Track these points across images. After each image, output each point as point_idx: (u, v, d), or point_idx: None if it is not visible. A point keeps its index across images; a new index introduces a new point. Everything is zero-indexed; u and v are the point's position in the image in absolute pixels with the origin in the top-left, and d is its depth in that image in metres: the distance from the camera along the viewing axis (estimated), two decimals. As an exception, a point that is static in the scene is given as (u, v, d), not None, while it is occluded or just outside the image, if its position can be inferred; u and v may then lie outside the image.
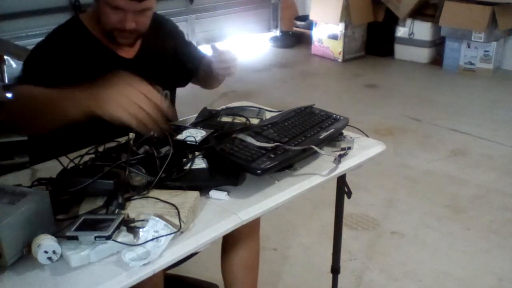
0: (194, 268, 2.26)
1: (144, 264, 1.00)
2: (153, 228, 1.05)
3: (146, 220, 1.07)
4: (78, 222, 1.04)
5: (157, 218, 1.07)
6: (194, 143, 1.34)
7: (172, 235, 1.05)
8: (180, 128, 1.46)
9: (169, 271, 1.06)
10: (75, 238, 1.01)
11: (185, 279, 2.11)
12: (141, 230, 1.05)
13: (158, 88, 1.64)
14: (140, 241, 1.03)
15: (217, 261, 1.81)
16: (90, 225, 1.04)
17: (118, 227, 1.05)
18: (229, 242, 1.74)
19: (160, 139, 1.35)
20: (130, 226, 1.08)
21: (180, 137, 1.37)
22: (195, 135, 1.38)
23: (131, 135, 1.35)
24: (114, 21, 1.46)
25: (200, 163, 1.31)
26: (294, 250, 2.46)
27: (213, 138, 1.39)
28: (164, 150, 1.33)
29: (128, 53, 1.60)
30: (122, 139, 1.38)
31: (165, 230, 1.05)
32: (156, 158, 1.26)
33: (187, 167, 1.29)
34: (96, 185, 1.13)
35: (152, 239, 1.02)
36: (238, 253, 1.73)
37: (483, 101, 4.43)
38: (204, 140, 1.37)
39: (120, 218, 1.07)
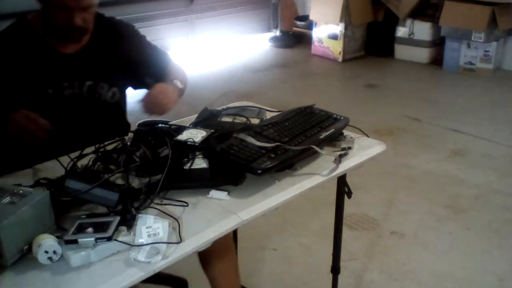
0: (194, 267, 2.26)
1: (146, 263, 1.00)
2: (152, 227, 1.06)
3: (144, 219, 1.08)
4: (74, 227, 1.05)
5: (154, 217, 1.07)
6: (193, 143, 1.34)
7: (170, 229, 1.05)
8: (181, 128, 1.46)
9: None
10: (74, 242, 1.01)
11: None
12: (143, 227, 1.06)
13: (104, 85, 1.70)
14: (140, 239, 1.03)
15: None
16: (87, 228, 1.04)
17: (117, 228, 1.05)
18: (205, 259, 1.72)
19: (160, 141, 1.35)
20: (130, 225, 1.08)
21: (180, 137, 1.37)
22: (196, 135, 1.38)
23: (130, 134, 1.35)
24: (62, 19, 1.54)
25: (200, 163, 1.31)
26: (294, 250, 2.46)
27: (214, 138, 1.39)
28: (162, 150, 1.33)
29: (70, 49, 1.65)
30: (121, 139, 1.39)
31: (163, 229, 1.05)
32: (155, 163, 1.26)
33: (187, 167, 1.29)
34: (101, 197, 1.15)
35: (153, 244, 1.03)
36: (215, 268, 1.71)
37: (483, 101, 4.43)
38: (205, 140, 1.37)
39: (118, 219, 1.07)
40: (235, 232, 2.01)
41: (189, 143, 1.35)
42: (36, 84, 1.60)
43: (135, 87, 1.86)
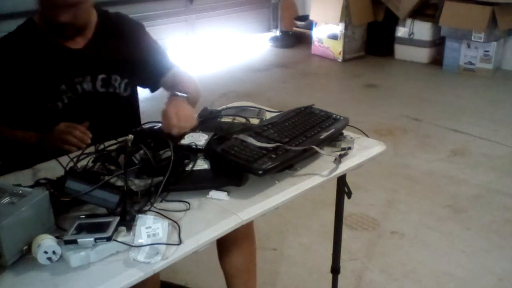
0: (194, 268, 2.27)
1: (145, 264, 1.00)
2: (151, 227, 1.06)
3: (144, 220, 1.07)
4: (74, 227, 1.04)
5: (153, 217, 1.07)
6: (197, 147, 1.34)
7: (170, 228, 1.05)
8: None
9: (165, 279, 1.07)
10: (74, 242, 1.01)
11: (168, 285, 2.09)
12: (143, 227, 1.05)
13: (116, 77, 1.71)
14: (140, 239, 1.03)
15: (217, 261, 1.81)
16: (87, 228, 1.04)
17: (116, 228, 1.05)
18: (224, 247, 1.75)
19: (162, 143, 1.35)
20: (129, 225, 1.08)
21: (183, 142, 1.37)
22: (198, 138, 1.38)
23: (130, 136, 1.35)
24: (51, 16, 1.55)
25: (202, 164, 1.31)
26: (294, 250, 2.46)
27: (214, 139, 1.39)
28: (164, 152, 1.33)
29: (77, 44, 1.66)
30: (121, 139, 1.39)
31: (163, 229, 1.05)
32: (156, 166, 1.25)
33: (189, 168, 1.29)
34: (101, 199, 1.15)
35: (152, 244, 1.03)
36: (233, 257, 1.74)
37: (483, 101, 4.43)
38: (208, 143, 1.37)
39: (117, 219, 1.07)
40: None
41: (193, 147, 1.35)
42: (48, 81, 1.61)
43: (142, 85, 1.87)
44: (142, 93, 1.88)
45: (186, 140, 1.38)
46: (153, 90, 1.88)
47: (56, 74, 1.62)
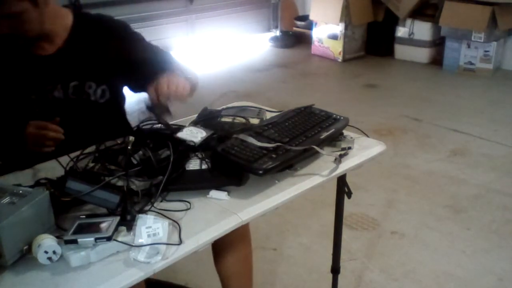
0: (194, 268, 2.27)
1: (145, 264, 1.00)
2: (152, 227, 1.06)
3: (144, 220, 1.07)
4: (74, 227, 1.04)
5: (153, 217, 1.07)
6: (193, 144, 1.34)
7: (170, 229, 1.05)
8: (180, 128, 1.45)
9: (154, 276, 1.06)
10: (74, 242, 1.01)
11: (168, 285, 2.09)
12: (143, 227, 1.06)
13: (91, 84, 1.64)
14: (140, 239, 1.03)
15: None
16: (87, 228, 1.04)
17: (116, 228, 1.05)
18: (219, 249, 1.72)
19: (161, 142, 1.35)
20: (129, 225, 1.08)
21: (180, 135, 1.37)
22: (195, 134, 1.38)
23: (131, 138, 1.35)
24: None
25: (202, 164, 1.31)
26: (294, 250, 2.46)
27: (215, 139, 1.39)
28: (163, 152, 1.32)
29: (46, 51, 1.60)
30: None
31: (163, 229, 1.05)
32: (156, 167, 1.25)
33: (189, 168, 1.29)
34: (101, 199, 1.15)
35: (153, 244, 1.03)
36: (229, 260, 1.72)
37: (483, 101, 4.43)
38: (206, 141, 1.37)
39: (118, 219, 1.07)
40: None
41: (188, 143, 1.34)
42: (19, 90, 1.56)
43: (132, 88, 1.79)
44: (139, 94, 1.84)
45: (183, 134, 1.37)
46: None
47: (26, 83, 1.57)
